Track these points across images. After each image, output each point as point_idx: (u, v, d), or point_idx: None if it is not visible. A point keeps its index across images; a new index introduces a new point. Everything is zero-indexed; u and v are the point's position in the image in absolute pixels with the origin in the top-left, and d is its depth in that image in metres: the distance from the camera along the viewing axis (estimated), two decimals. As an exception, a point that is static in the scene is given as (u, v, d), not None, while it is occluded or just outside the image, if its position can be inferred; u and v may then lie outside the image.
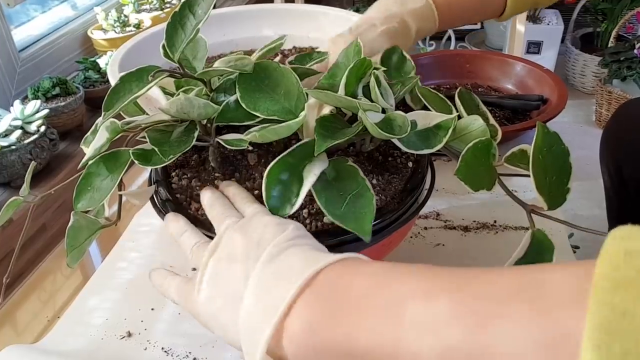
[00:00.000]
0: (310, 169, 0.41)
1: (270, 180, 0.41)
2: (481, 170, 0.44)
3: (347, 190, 0.42)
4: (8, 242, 0.95)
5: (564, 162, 0.44)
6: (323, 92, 0.42)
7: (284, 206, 0.40)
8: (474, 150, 0.43)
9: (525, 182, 0.42)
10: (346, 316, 0.32)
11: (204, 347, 0.55)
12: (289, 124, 0.42)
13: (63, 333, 0.57)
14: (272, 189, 0.41)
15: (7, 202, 0.47)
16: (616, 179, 0.74)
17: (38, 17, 1.49)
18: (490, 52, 1.85)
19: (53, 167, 1.11)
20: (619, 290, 0.22)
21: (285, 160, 0.41)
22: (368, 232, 0.40)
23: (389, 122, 0.43)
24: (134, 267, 0.66)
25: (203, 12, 0.43)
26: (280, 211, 0.40)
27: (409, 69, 0.53)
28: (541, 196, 0.42)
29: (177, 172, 0.51)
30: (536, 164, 0.42)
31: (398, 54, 0.55)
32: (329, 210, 0.40)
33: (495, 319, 0.27)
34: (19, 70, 1.29)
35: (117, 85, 0.43)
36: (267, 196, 0.40)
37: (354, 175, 0.42)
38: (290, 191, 0.41)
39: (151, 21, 1.57)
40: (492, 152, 0.45)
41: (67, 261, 0.46)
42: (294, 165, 0.41)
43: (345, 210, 0.40)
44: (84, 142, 0.50)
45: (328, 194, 0.41)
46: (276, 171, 0.41)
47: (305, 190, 0.40)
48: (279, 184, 0.41)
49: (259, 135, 0.42)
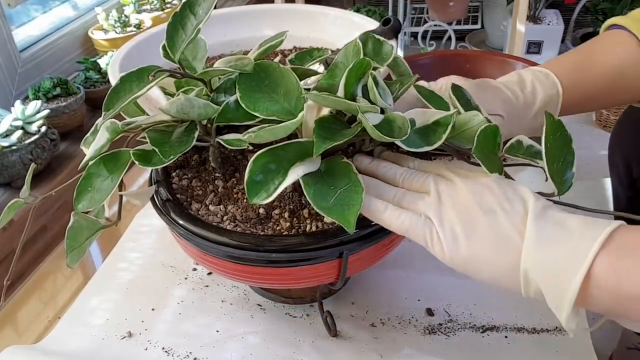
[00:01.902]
0: (297, 169, 0.41)
1: (256, 165, 0.41)
2: (492, 153, 0.45)
3: (338, 185, 0.42)
4: (9, 243, 0.95)
5: (568, 147, 0.45)
6: (322, 95, 0.42)
7: (261, 194, 0.40)
8: (485, 133, 0.44)
9: (528, 176, 0.42)
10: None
11: (204, 347, 0.55)
12: (286, 125, 0.42)
13: (64, 333, 0.58)
14: (256, 173, 0.41)
15: (8, 205, 0.47)
16: (625, 178, 0.74)
17: (39, 18, 1.49)
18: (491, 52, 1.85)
19: (54, 167, 1.11)
20: None
21: (277, 153, 0.42)
22: (351, 223, 0.40)
23: (389, 123, 0.43)
24: (135, 268, 0.66)
25: (204, 12, 0.43)
26: (256, 197, 0.40)
27: (387, 50, 0.52)
28: (552, 181, 0.43)
29: (178, 173, 0.51)
30: (547, 152, 0.43)
31: (372, 38, 0.53)
32: (316, 202, 0.40)
33: None
34: (19, 71, 1.29)
35: (117, 86, 0.43)
36: (249, 178, 0.41)
37: (346, 171, 0.42)
38: (272, 182, 0.41)
39: (152, 21, 1.57)
40: (497, 141, 0.45)
41: (67, 261, 0.46)
42: (285, 160, 0.42)
43: (333, 203, 0.41)
44: (84, 142, 0.50)
45: (318, 187, 0.41)
46: (265, 159, 0.41)
47: (284, 186, 0.40)
48: (264, 172, 0.41)
49: (255, 136, 0.42)
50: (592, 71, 0.59)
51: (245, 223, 0.46)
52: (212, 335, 0.56)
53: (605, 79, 0.59)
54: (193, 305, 0.60)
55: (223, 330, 0.57)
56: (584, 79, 0.59)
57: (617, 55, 0.59)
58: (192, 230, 0.46)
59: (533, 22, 2.17)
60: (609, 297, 0.36)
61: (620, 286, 0.36)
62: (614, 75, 0.59)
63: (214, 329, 0.57)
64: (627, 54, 0.58)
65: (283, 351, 0.54)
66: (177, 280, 0.64)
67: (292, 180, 0.41)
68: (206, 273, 0.64)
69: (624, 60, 0.58)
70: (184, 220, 0.47)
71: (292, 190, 0.48)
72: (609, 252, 0.37)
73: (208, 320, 0.58)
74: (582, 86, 0.59)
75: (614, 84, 0.59)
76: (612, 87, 0.59)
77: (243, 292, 0.61)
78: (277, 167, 0.41)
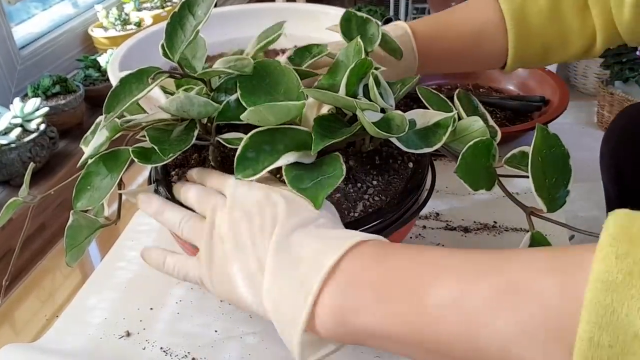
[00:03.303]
0: (289, 156, 0.41)
1: (251, 142, 0.41)
2: (481, 170, 0.44)
3: (322, 173, 0.41)
4: (7, 241, 0.95)
5: (563, 165, 0.43)
6: (321, 92, 0.42)
7: (248, 170, 0.41)
8: (474, 150, 0.43)
9: (527, 184, 0.42)
10: (376, 303, 0.33)
11: (202, 347, 0.55)
12: (287, 104, 0.42)
13: (62, 332, 0.57)
14: (249, 149, 0.41)
15: (6, 203, 0.47)
16: (616, 183, 0.74)
17: (39, 15, 1.49)
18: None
19: (53, 165, 1.11)
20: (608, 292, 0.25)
21: (274, 135, 0.42)
22: (319, 202, 0.39)
23: (388, 121, 0.43)
24: (134, 267, 0.66)
25: (203, 13, 0.43)
26: (243, 172, 0.41)
27: (373, 30, 0.52)
28: (540, 198, 0.42)
29: (177, 171, 0.51)
30: (535, 166, 0.41)
31: (355, 17, 0.53)
32: (293, 184, 0.40)
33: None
34: (19, 68, 1.29)
35: (116, 88, 0.42)
36: (241, 153, 0.41)
37: (334, 162, 0.42)
38: (262, 162, 0.41)
39: (152, 19, 1.57)
40: (492, 153, 0.45)
41: (66, 260, 0.46)
42: (280, 144, 0.42)
43: (310, 186, 0.40)
44: (83, 141, 0.50)
45: (299, 172, 0.41)
46: (261, 138, 0.41)
47: (272, 167, 0.40)
48: (257, 150, 0.41)
49: (254, 110, 0.41)
50: (452, 26, 0.61)
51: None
52: (210, 335, 0.56)
53: (464, 36, 0.61)
54: (191, 305, 0.60)
55: (221, 330, 0.56)
56: (441, 32, 0.61)
57: (477, 15, 0.61)
58: (191, 229, 0.46)
59: (534, 23, 2.17)
60: (341, 334, 0.34)
61: (348, 324, 0.34)
62: (472, 33, 0.60)
63: (213, 329, 0.56)
64: (488, 16, 0.60)
65: (281, 352, 0.54)
66: (176, 280, 0.63)
67: (282, 164, 0.41)
68: (205, 272, 0.64)
69: (483, 20, 0.60)
70: (183, 219, 0.46)
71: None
72: (336, 285, 0.34)
73: (206, 320, 0.58)
74: (440, 38, 0.61)
75: (474, 42, 0.61)
76: (471, 45, 0.61)
77: (242, 292, 0.61)
78: (270, 149, 0.41)
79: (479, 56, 0.62)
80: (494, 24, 0.59)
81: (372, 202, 0.47)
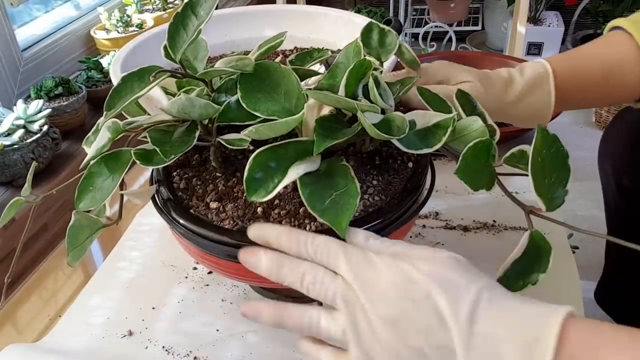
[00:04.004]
0: (297, 168, 0.41)
1: (256, 163, 0.41)
2: (481, 170, 0.44)
3: (335, 187, 0.41)
4: (9, 241, 0.95)
5: (562, 164, 0.44)
6: (322, 93, 0.42)
7: (260, 191, 0.40)
8: (474, 150, 0.43)
9: (526, 182, 0.42)
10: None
11: (204, 346, 0.55)
12: (286, 121, 0.42)
13: (64, 332, 0.58)
14: (255, 170, 0.40)
15: (9, 203, 0.48)
16: (614, 183, 0.75)
17: (41, 17, 1.49)
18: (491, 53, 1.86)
19: (55, 166, 1.12)
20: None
21: (277, 151, 0.42)
22: (343, 227, 0.39)
23: (388, 123, 0.43)
24: (135, 267, 0.66)
25: (205, 13, 0.44)
26: (255, 194, 0.40)
27: (391, 40, 0.52)
28: (540, 198, 0.42)
29: (179, 172, 0.51)
30: (535, 166, 0.42)
31: (377, 27, 0.53)
32: (310, 203, 0.40)
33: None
34: (21, 70, 1.29)
35: (118, 85, 0.43)
36: (248, 175, 0.40)
37: (344, 173, 0.42)
38: (272, 180, 0.40)
39: (154, 21, 1.57)
40: (492, 153, 0.45)
41: (67, 260, 0.46)
42: (284, 158, 0.41)
43: (327, 205, 0.40)
44: (85, 142, 0.50)
45: (314, 187, 0.41)
46: (265, 157, 0.41)
47: (284, 184, 0.40)
48: (263, 169, 0.41)
49: (255, 131, 0.42)
50: (588, 62, 0.60)
51: (245, 222, 0.47)
52: (212, 334, 0.56)
53: (600, 71, 0.59)
54: (193, 304, 0.60)
55: (223, 329, 0.57)
56: (578, 67, 0.59)
57: (613, 50, 0.59)
58: (193, 229, 0.46)
59: (533, 24, 2.17)
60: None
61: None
62: (609, 67, 0.59)
63: (214, 328, 0.57)
64: (624, 50, 0.58)
65: (283, 350, 0.54)
66: (178, 279, 0.64)
67: (292, 178, 0.40)
68: (206, 272, 0.65)
69: (620, 54, 0.59)
70: (184, 219, 0.47)
71: (292, 190, 0.48)
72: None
73: (208, 319, 0.58)
74: (577, 75, 0.59)
75: (609, 75, 0.59)
76: (606, 79, 0.59)
77: (243, 292, 0.62)
78: (276, 165, 0.41)
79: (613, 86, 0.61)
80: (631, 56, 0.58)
81: (372, 202, 0.47)
